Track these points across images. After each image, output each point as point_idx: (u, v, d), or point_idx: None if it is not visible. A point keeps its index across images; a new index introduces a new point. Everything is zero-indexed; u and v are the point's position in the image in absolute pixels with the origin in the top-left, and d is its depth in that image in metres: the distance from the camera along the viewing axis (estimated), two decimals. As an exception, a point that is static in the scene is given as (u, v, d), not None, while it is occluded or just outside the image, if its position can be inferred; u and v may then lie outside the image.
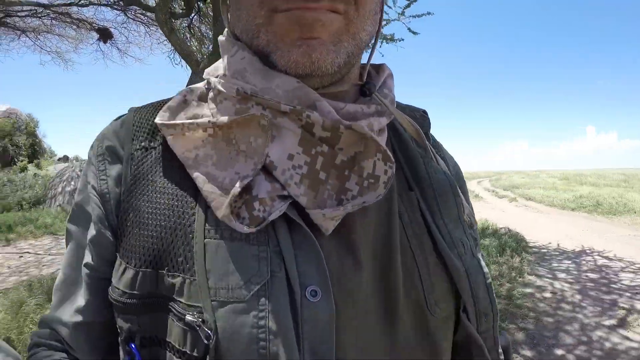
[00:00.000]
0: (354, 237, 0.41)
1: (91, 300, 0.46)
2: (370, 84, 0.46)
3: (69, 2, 7.91)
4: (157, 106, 0.49)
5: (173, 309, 0.38)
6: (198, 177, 0.40)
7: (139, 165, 0.44)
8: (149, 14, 7.27)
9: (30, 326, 3.11)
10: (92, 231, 0.46)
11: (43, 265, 5.85)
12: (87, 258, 0.46)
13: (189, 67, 5.35)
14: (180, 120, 0.44)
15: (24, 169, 13.89)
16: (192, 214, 0.40)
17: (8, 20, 9.02)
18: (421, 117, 0.56)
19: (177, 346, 0.38)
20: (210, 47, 5.81)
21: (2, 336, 2.91)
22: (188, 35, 6.96)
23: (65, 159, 16.61)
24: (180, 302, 0.38)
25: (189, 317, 0.36)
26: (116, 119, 0.51)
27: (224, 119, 0.40)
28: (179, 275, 0.38)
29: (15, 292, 4.23)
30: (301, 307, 0.36)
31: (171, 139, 0.43)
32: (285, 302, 0.36)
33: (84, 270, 0.46)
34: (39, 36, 9.61)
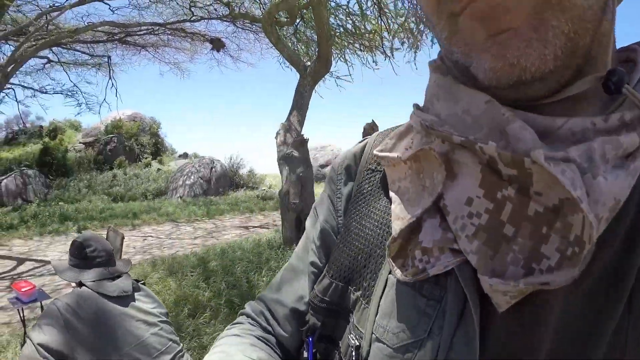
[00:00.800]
0: (539, 326, 0.30)
1: None
2: (616, 72, 0.28)
3: (181, 19, 8.91)
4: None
5: (350, 321, 0.42)
6: (393, 211, 0.38)
7: (362, 184, 0.47)
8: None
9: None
10: (323, 235, 0.51)
11: (164, 247, 6.79)
12: (314, 257, 0.51)
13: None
14: (396, 149, 0.39)
15: (148, 165, 15.87)
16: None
17: (129, 39, 10.53)
18: None
19: (341, 353, 0.42)
20: (317, 51, 5.82)
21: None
22: (294, 40, 7.10)
23: (185, 155, 18.48)
24: (353, 319, 0.42)
25: (351, 336, 0.40)
26: (360, 141, 0.53)
27: (407, 153, 0.36)
28: (359, 298, 0.42)
29: (140, 267, 5.06)
30: None
31: (386, 169, 0.42)
32: None
33: (310, 268, 0.51)
34: (157, 50, 11.02)
